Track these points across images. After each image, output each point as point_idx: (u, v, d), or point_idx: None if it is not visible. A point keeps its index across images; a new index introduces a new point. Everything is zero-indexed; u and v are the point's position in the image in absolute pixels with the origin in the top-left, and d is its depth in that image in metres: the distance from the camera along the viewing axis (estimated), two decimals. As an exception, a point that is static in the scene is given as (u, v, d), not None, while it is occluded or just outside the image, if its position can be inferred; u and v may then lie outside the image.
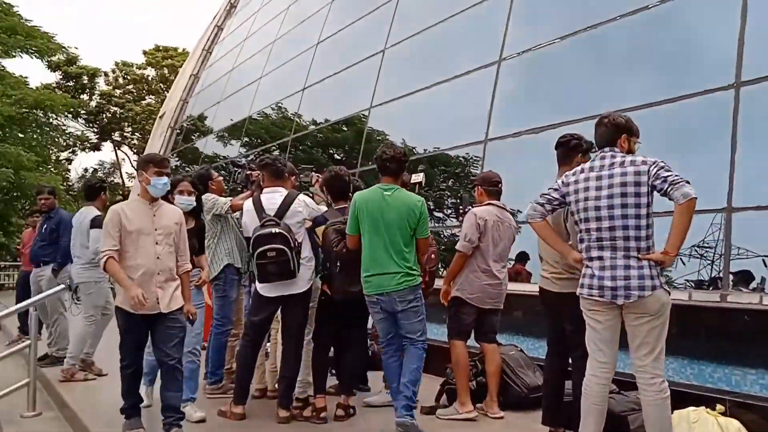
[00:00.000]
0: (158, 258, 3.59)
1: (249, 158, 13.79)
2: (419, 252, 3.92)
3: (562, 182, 3.18)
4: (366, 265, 3.86)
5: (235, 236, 4.69)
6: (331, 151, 11.51)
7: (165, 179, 3.66)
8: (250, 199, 4.27)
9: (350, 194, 4.26)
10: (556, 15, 6.95)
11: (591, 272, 3.03)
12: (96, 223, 5.52)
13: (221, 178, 5.03)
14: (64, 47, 24.08)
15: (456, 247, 4.35)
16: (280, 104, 13.26)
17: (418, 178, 4.82)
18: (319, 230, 4.15)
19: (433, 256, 4.57)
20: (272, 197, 4.15)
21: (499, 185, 4.46)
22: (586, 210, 3.04)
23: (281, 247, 3.84)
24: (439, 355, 4.97)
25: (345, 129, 10.79)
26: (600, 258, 3.00)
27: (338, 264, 3.94)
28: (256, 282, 4.07)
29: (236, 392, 4.16)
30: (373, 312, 3.96)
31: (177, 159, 18.32)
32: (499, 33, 7.26)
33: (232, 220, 4.73)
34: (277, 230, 3.88)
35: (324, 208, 4.41)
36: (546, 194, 3.20)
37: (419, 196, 4.08)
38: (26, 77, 21.26)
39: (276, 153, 12.59)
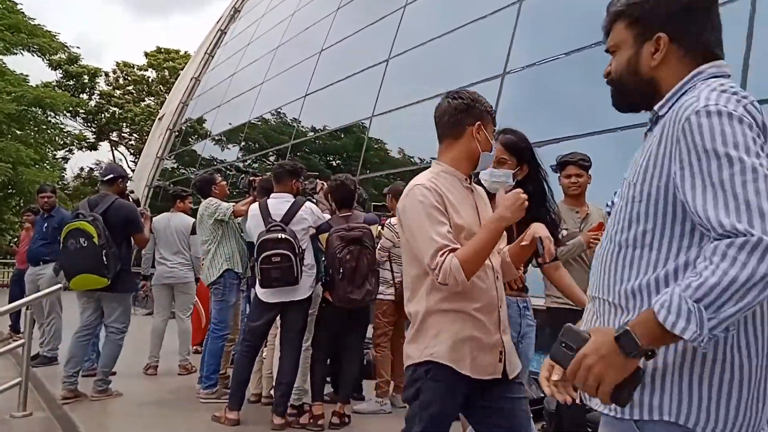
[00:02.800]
0: None
1: (247, 163, 13.94)
2: None
3: None
4: None
5: (236, 241, 4.68)
6: (329, 159, 11.52)
7: None
8: (256, 203, 4.26)
9: (356, 203, 4.27)
10: (561, 30, 6.98)
11: None
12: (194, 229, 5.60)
13: (224, 182, 5.01)
14: (66, 46, 24.15)
15: None
16: (280, 110, 13.28)
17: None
18: (323, 237, 4.13)
19: None
20: (279, 203, 4.16)
21: None
22: None
23: (286, 252, 3.84)
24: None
25: (344, 137, 10.80)
26: None
27: (341, 271, 3.92)
28: (257, 287, 4.06)
29: (232, 397, 4.13)
30: None
31: (174, 161, 18.30)
32: (504, 46, 7.28)
33: (233, 225, 4.71)
34: (283, 236, 3.88)
35: (328, 215, 4.40)
36: None
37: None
38: (27, 75, 21.24)
39: (273, 159, 12.60)
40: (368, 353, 5.58)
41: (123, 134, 34.47)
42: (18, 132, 20.28)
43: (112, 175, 5.06)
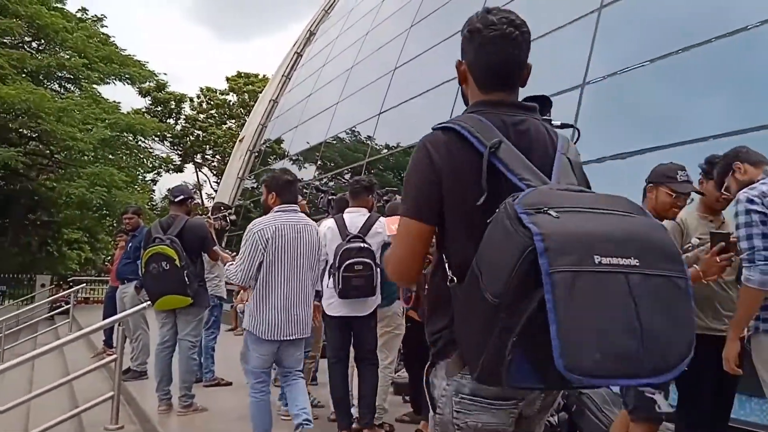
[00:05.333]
0: None
1: (323, 181, 14.18)
2: None
3: None
4: None
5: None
6: (403, 175, 11.54)
7: None
8: (332, 218, 4.29)
9: None
10: (643, 38, 6.72)
11: None
12: None
13: (305, 201, 5.09)
14: (154, 74, 25.51)
15: None
16: (354, 129, 13.45)
17: None
18: None
19: None
20: (355, 217, 4.18)
21: None
22: None
23: (368, 261, 3.86)
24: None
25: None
26: None
27: (426, 288, 3.87)
28: (328, 300, 4.07)
29: (338, 417, 4.11)
30: None
31: (254, 181, 18.86)
32: (583, 56, 7.08)
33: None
34: (365, 245, 3.89)
35: None
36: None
37: None
38: (119, 102, 22.60)
39: (348, 177, 12.75)
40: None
41: (206, 156, 35.99)
42: (111, 157, 21.55)
43: (182, 196, 5.24)
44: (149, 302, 5.15)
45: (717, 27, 5.60)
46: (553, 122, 1.89)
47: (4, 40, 19.77)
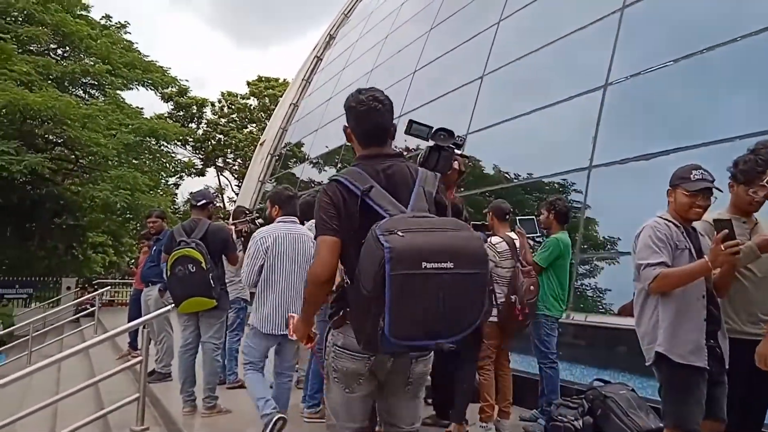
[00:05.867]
0: None
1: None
2: None
3: None
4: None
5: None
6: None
7: None
8: None
9: None
10: (667, 37, 6.65)
11: None
12: None
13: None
14: (176, 80, 25.82)
15: None
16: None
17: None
18: None
19: (532, 287, 4.42)
20: None
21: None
22: None
23: None
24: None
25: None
26: None
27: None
28: None
29: None
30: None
31: (275, 184, 18.99)
32: (606, 57, 7.02)
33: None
34: None
35: None
36: None
37: None
38: (142, 108, 22.90)
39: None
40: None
41: (227, 160, 36.31)
42: (134, 161, 21.82)
43: (204, 201, 5.36)
44: (173, 305, 5.20)
45: (741, 26, 5.52)
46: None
47: (30, 48, 20.13)
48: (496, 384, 4.48)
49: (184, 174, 32.19)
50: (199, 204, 5.33)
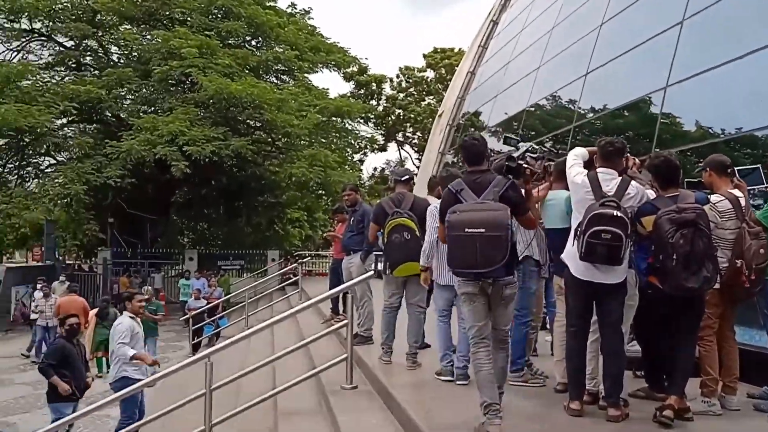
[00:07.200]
0: None
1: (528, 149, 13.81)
2: None
3: None
4: None
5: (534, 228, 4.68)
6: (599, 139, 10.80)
7: None
8: (583, 173, 4.05)
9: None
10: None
11: None
12: None
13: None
14: (356, 59, 26.90)
15: None
16: (555, 94, 12.90)
17: None
18: (646, 220, 3.86)
19: (762, 251, 3.95)
20: (608, 178, 3.96)
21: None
22: None
23: (618, 232, 3.63)
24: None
25: (627, 114, 10.03)
26: None
27: (674, 257, 3.62)
28: (573, 263, 3.91)
29: (570, 387, 4.06)
30: None
31: (454, 155, 19.07)
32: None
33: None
34: (618, 213, 3.68)
35: (652, 193, 4.09)
36: None
37: None
38: (327, 89, 24.23)
39: (549, 145, 12.30)
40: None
41: (407, 134, 37.22)
42: (323, 140, 23.24)
43: (407, 176, 6.10)
44: (373, 271, 5.59)
45: None
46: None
47: (229, 42, 22.17)
48: (719, 357, 4.11)
49: (367, 150, 33.63)
50: (402, 179, 5.99)
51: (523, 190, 4.04)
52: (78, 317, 7.48)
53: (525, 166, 4.21)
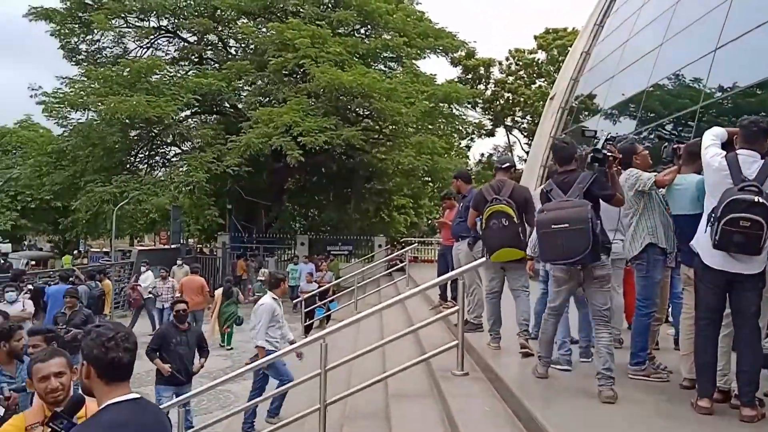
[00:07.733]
0: None
1: (655, 131, 12.99)
2: None
3: None
4: None
5: (660, 214, 4.40)
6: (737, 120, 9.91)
7: None
8: (721, 155, 3.75)
9: None
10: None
11: None
12: None
13: (646, 152, 4.75)
14: (465, 43, 26.56)
15: None
16: (679, 73, 12.05)
17: None
18: None
19: None
20: (749, 160, 3.64)
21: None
22: None
23: (759, 219, 3.36)
24: None
25: (761, 93, 9.19)
26: None
27: None
28: (706, 251, 3.65)
29: (699, 383, 3.81)
30: None
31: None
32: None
33: (656, 197, 4.45)
34: (760, 199, 3.38)
35: None
36: None
37: None
38: (435, 74, 24.11)
39: (670, 127, 11.54)
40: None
41: (516, 118, 36.35)
42: (430, 126, 23.21)
43: (508, 164, 6.09)
44: (482, 258, 5.54)
45: None
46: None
47: (339, 31, 22.60)
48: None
49: (475, 135, 33.25)
50: (503, 167, 6.01)
51: (609, 175, 4.33)
52: (186, 304, 7.83)
53: (608, 154, 4.31)
